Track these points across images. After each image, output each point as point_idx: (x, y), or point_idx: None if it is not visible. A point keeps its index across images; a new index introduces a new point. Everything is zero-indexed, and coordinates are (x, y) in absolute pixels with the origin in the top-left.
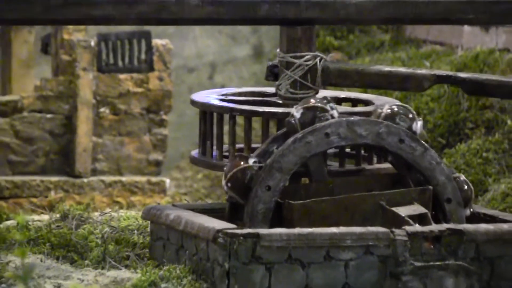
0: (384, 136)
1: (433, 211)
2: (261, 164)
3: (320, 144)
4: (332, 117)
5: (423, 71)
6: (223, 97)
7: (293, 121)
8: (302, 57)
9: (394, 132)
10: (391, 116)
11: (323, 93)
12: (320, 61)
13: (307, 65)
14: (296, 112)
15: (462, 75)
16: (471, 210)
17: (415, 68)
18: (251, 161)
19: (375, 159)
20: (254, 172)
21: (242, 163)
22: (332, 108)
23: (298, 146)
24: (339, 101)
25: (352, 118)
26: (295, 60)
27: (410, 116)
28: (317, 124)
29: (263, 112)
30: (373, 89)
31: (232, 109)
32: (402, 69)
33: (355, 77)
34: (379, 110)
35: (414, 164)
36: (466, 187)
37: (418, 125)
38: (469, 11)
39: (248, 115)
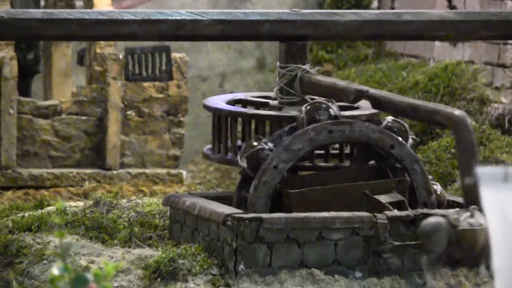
0: (315, 137)
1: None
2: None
3: (274, 177)
4: (270, 150)
5: (351, 86)
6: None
7: (244, 172)
8: (286, 67)
9: (321, 129)
10: (311, 116)
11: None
12: (300, 72)
13: (290, 74)
14: (243, 163)
15: (372, 91)
16: (413, 137)
17: (349, 82)
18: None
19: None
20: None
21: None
22: (267, 143)
23: (260, 189)
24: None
25: (285, 141)
26: (281, 70)
27: (324, 106)
28: (262, 164)
29: (228, 111)
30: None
31: (205, 106)
32: (341, 83)
33: (317, 88)
34: (300, 116)
35: (350, 140)
36: (403, 127)
37: (334, 108)
38: (440, 29)
39: (222, 114)
